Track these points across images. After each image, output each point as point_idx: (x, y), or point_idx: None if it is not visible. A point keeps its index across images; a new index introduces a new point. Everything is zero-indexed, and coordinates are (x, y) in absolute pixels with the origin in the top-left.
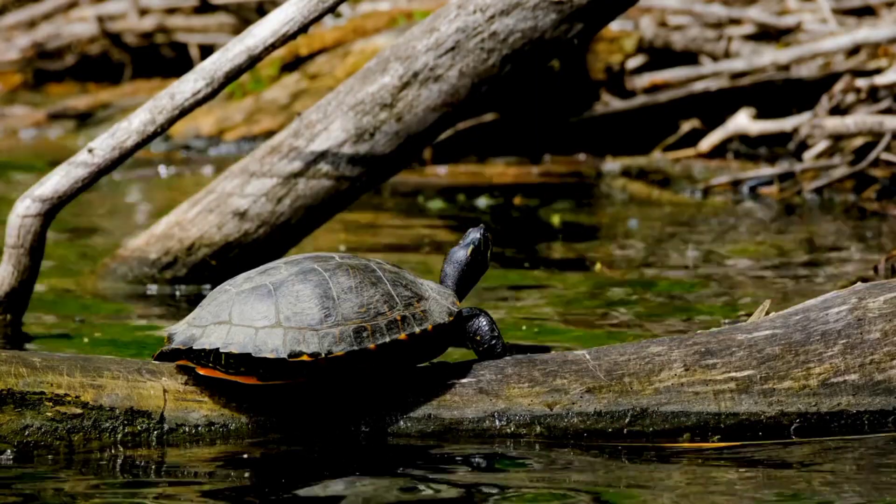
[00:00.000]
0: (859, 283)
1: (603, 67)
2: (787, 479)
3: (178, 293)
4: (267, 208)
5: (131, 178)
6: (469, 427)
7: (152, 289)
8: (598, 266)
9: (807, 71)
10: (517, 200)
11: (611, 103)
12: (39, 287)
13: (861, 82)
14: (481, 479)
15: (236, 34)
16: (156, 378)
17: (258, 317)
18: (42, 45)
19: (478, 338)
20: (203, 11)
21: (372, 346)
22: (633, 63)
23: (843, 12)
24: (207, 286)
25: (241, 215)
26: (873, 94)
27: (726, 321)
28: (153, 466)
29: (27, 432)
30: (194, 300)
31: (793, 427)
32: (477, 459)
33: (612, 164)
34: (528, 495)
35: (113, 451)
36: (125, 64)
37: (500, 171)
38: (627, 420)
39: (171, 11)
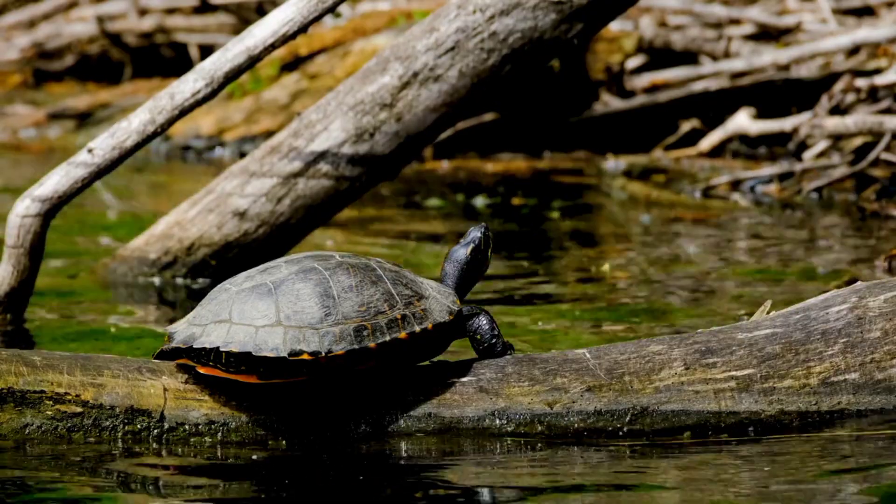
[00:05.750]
0: (859, 282)
1: (603, 67)
2: (787, 473)
3: (177, 293)
4: (267, 208)
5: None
6: (469, 426)
7: (152, 288)
8: (606, 266)
9: (807, 71)
10: (516, 200)
11: (610, 103)
12: (39, 286)
13: (861, 82)
14: (481, 478)
15: (236, 34)
16: (156, 377)
17: (258, 315)
18: (42, 45)
19: (478, 336)
20: (203, 11)
21: (372, 344)
22: (632, 63)
23: (842, 12)
24: (206, 284)
25: (241, 215)
26: (873, 94)
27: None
28: (153, 465)
29: (27, 431)
30: (194, 300)
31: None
32: (477, 458)
33: (613, 163)
34: (528, 494)
35: (113, 450)
36: (125, 64)
37: (501, 169)
38: (628, 419)
39: (171, 11)
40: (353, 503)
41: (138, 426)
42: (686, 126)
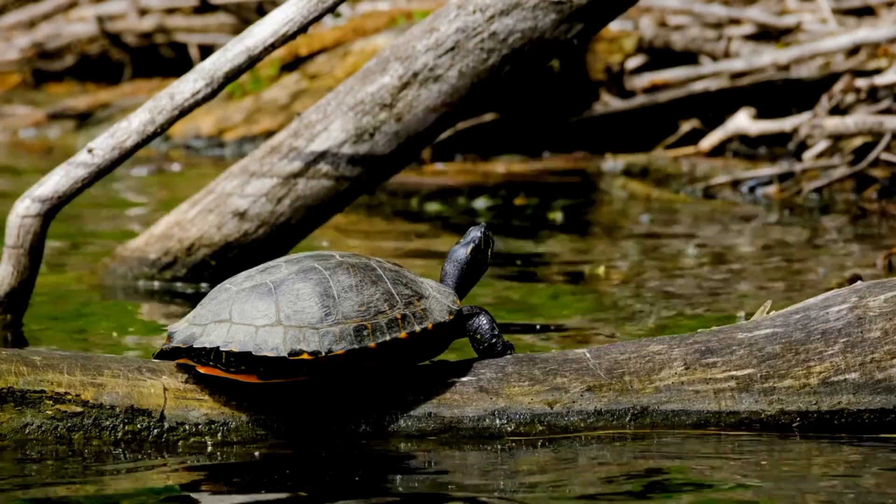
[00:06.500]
0: (859, 282)
1: (603, 67)
2: (790, 473)
3: (177, 293)
4: (267, 208)
5: None
6: (469, 426)
7: (152, 289)
8: (601, 269)
9: (807, 71)
10: (518, 201)
11: (610, 103)
12: (39, 286)
13: (861, 82)
14: (482, 478)
15: (236, 34)
16: (156, 376)
17: (258, 315)
18: (42, 45)
19: (478, 336)
20: (203, 11)
21: (372, 344)
22: (632, 63)
23: (843, 12)
24: (206, 285)
25: (241, 215)
26: (873, 94)
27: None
28: (153, 465)
29: (27, 430)
30: (194, 300)
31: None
32: (477, 458)
33: (612, 163)
34: (529, 493)
35: (113, 450)
36: (125, 64)
37: (500, 169)
38: (628, 418)
39: (171, 11)
40: (353, 503)
41: (138, 426)
42: (686, 126)
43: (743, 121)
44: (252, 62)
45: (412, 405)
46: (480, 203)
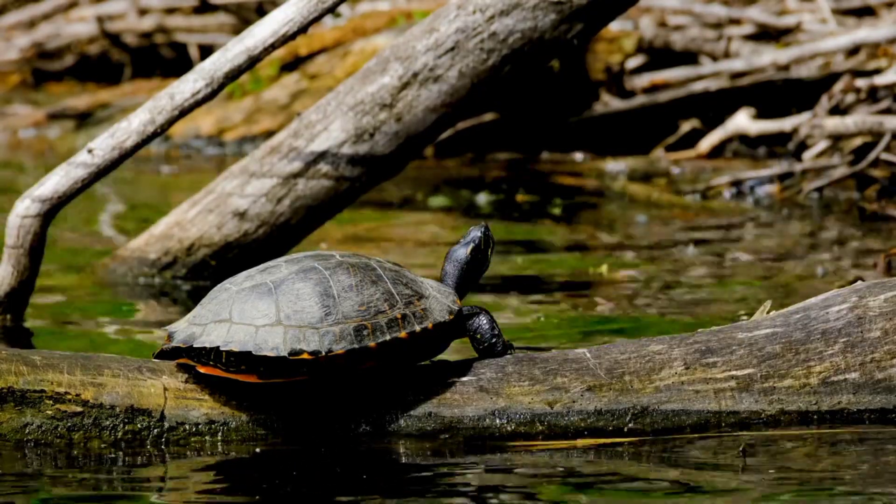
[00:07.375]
0: (860, 282)
1: (603, 67)
2: (791, 472)
3: (177, 293)
4: (267, 208)
5: None
6: (469, 425)
7: (152, 288)
8: (604, 267)
9: (806, 71)
10: (519, 198)
11: (610, 103)
12: (39, 286)
13: (861, 82)
14: (481, 478)
15: (236, 34)
16: (156, 376)
17: (258, 315)
18: (42, 45)
19: (478, 336)
20: (203, 11)
21: (372, 344)
22: (632, 63)
23: (842, 12)
24: (207, 284)
25: (241, 215)
26: (873, 94)
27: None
28: (153, 464)
29: (27, 430)
30: (194, 300)
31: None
32: (477, 457)
33: (613, 164)
34: (529, 494)
35: (113, 450)
36: (125, 64)
37: (500, 169)
38: (628, 418)
39: (171, 11)
40: (353, 503)
41: (138, 425)
42: (686, 126)
43: (743, 121)
44: (252, 62)
45: (412, 405)
46: (482, 198)
